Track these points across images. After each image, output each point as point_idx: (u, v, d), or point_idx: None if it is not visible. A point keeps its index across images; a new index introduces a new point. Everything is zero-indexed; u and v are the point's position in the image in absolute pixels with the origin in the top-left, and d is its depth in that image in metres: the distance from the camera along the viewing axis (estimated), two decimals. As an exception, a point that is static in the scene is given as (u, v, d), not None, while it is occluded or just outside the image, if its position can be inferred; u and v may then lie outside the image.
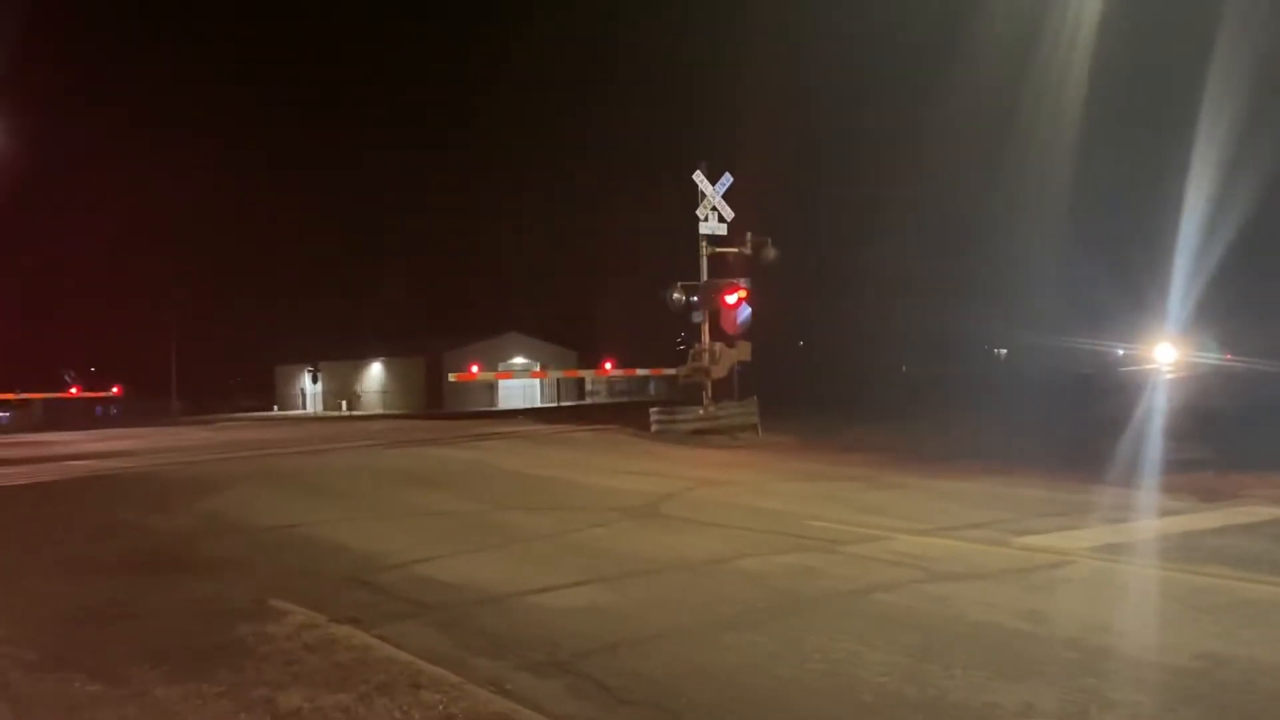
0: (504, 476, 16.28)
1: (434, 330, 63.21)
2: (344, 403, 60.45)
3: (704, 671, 5.54)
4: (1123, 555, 8.51)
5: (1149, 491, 12.23)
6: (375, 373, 63.39)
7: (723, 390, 25.44)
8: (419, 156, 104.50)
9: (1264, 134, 18.58)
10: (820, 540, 9.26)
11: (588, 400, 59.33)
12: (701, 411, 24.52)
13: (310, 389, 64.98)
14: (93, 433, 36.27)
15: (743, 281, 24.96)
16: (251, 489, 15.09)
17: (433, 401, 55.02)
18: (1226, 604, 6.63)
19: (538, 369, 54.98)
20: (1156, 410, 17.40)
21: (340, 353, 63.60)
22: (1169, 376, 18.21)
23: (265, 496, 14.19)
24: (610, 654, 5.84)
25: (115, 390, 53.97)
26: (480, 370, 39.91)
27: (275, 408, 66.23)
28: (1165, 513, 10.73)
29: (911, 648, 5.73)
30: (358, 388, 63.08)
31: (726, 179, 25.03)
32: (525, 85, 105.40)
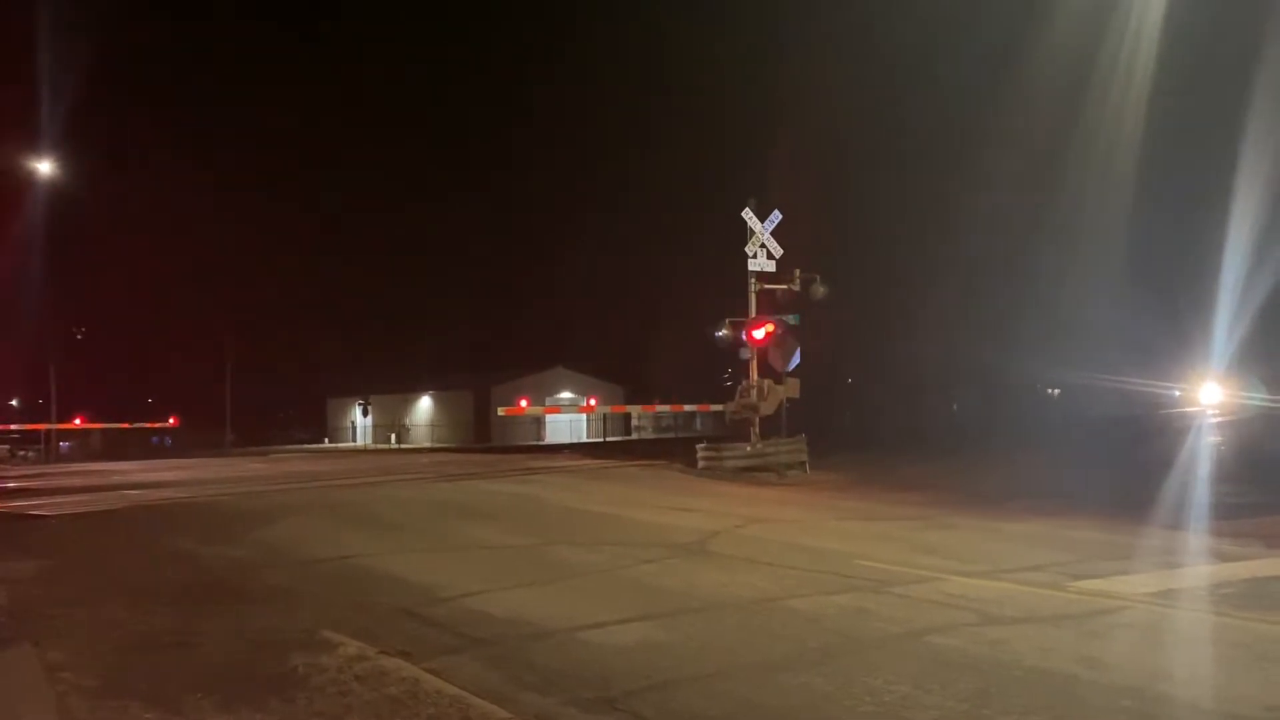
0: (553, 511, 16.31)
1: (482, 364, 63.89)
2: (393, 435, 61.07)
3: (756, 711, 5.49)
4: (1184, 601, 8.30)
5: (1208, 536, 11.93)
6: (424, 406, 64.02)
7: (771, 427, 25.31)
8: (471, 193, 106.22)
9: None
10: (872, 580, 9.14)
11: (634, 436, 59.33)
12: (749, 448, 24.40)
13: (361, 422, 65.76)
14: (149, 463, 37.01)
15: (792, 319, 24.91)
16: (305, 520, 15.27)
17: (480, 435, 55.39)
18: (1295, 654, 6.43)
19: (585, 404, 55.14)
20: (1206, 452, 17.01)
21: (390, 386, 64.39)
22: (1216, 418, 17.87)
23: (318, 528, 14.35)
24: (661, 692, 5.81)
25: (171, 421, 55.04)
26: (528, 405, 40.13)
27: (326, 440, 67.10)
28: (1226, 558, 10.46)
29: (966, 692, 5.63)
30: (407, 421, 63.73)
31: (775, 216, 25.08)
32: (577, 121, 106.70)
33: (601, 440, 54.45)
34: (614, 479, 22.99)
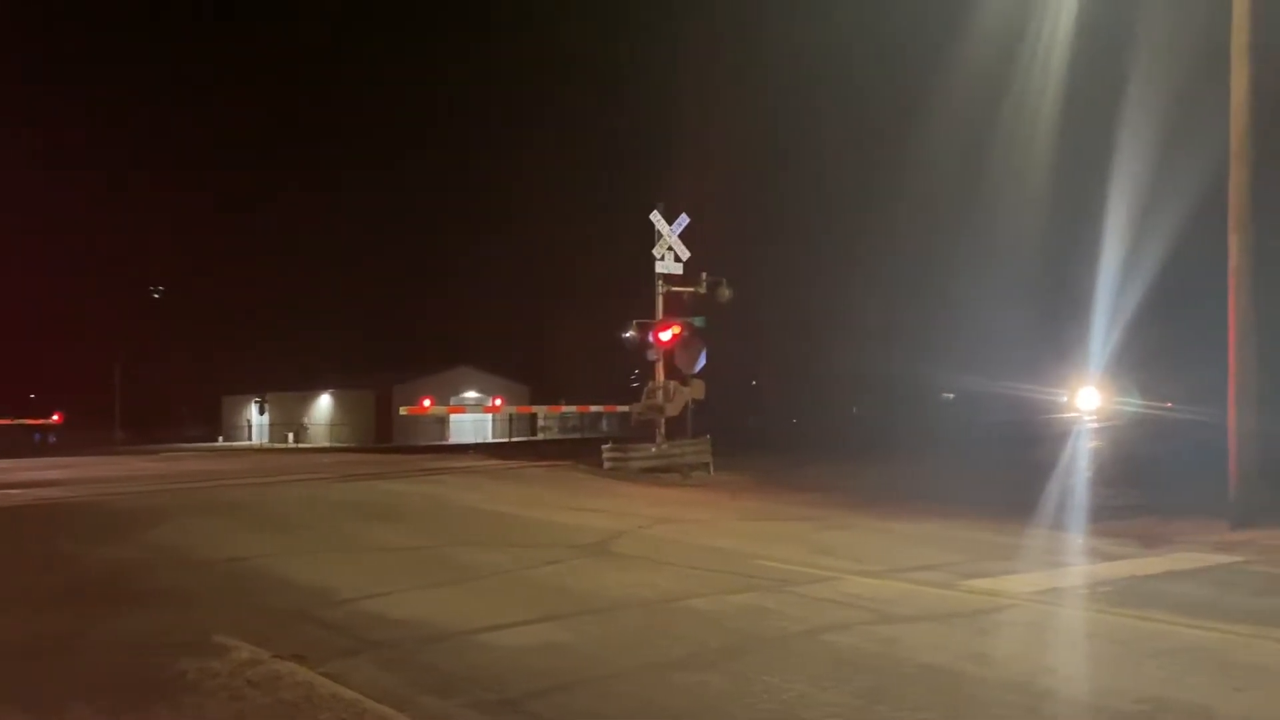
0: (455, 512, 16.14)
1: (384, 363, 62.72)
2: (291, 435, 59.61)
3: (656, 711, 5.53)
4: (1068, 599, 8.64)
5: (1091, 536, 12.45)
6: (324, 405, 62.62)
7: (676, 428, 25.49)
8: (373, 190, 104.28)
9: (1171, 185, 19.40)
10: (772, 580, 9.29)
11: (540, 436, 59.06)
12: (654, 449, 24.54)
13: (257, 420, 64.02)
14: (30, 461, 35.35)
15: (698, 321, 25.14)
16: (197, 521, 14.81)
17: (382, 435, 54.43)
18: (1169, 649, 6.75)
19: (490, 404, 54.71)
20: (1086, 455, 17.88)
21: (288, 384, 62.79)
22: (1095, 422, 18.78)
23: (211, 529, 13.93)
24: (562, 693, 5.80)
25: (55, 418, 52.70)
26: (432, 404, 39.62)
27: (221, 439, 65.10)
28: (1108, 557, 10.93)
29: (861, 689, 5.76)
30: (306, 420, 62.27)
31: (683, 219, 25.28)
32: (482, 120, 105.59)
33: (507, 441, 54.08)
34: (518, 479, 22.88)
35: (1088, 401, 18.77)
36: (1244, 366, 13.40)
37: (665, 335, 24.86)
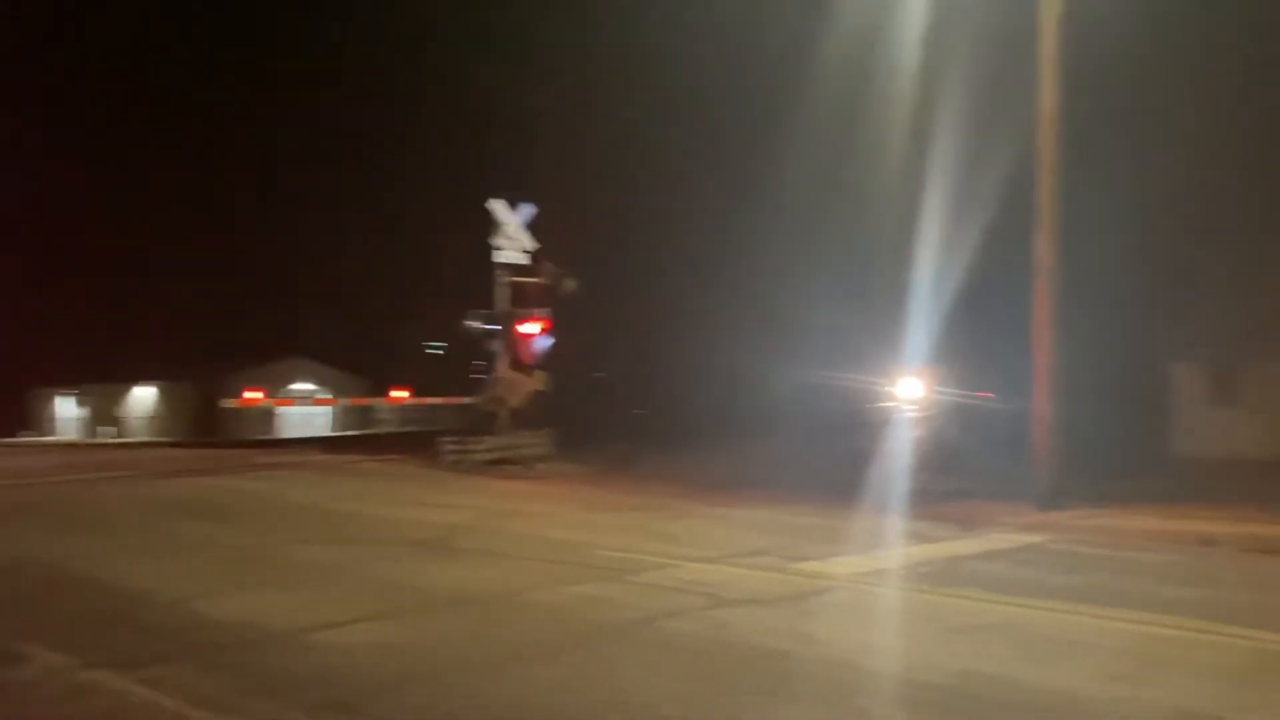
0: (287, 509, 15.58)
1: (211, 353, 59.76)
2: (109, 429, 56.21)
3: (493, 705, 5.50)
4: (889, 580, 9.09)
5: (912, 520, 13.11)
6: (145, 397, 59.25)
7: (519, 420, 25.35)
8: (200, 170, 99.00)
9: (982, 187, 20.76)
10: (611, 570, 9.38)
11: (378, 430, 57.61)
12: (496, 442, 24.33)
13: (71, 414, 60.08)
14: None
15: (542, 312, 25.07)
16: (1, 523, 13.78)
17: (209, 429, 51.88)
18: (979, 624, 7.19)
19: (325, 396, 53.00)
20: (908, 442, 18.93)
21: (106, 375, 59.10)
22: (915, 411, 19.88)
23: (19, 531, 12.96)
24: (396, 692, 5.70)
25: None
26: (262, 396, 38.09)
27: (29, 433, 60.73)
28: (926, 540, 11.54)
29: (694, 673, 5.90)
30: (125, 413, 58.80)
31: (528, 209, 25.11)
32: (314, 103, 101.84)
33: (342, 434, 52.52)
34: (354, 474, 22.29)
35: (909, 391, 19.79)
36: (1048, 358, 14.37)
37: (527, 329, 24.66)
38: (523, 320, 24.69)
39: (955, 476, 17.07)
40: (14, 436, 57.07)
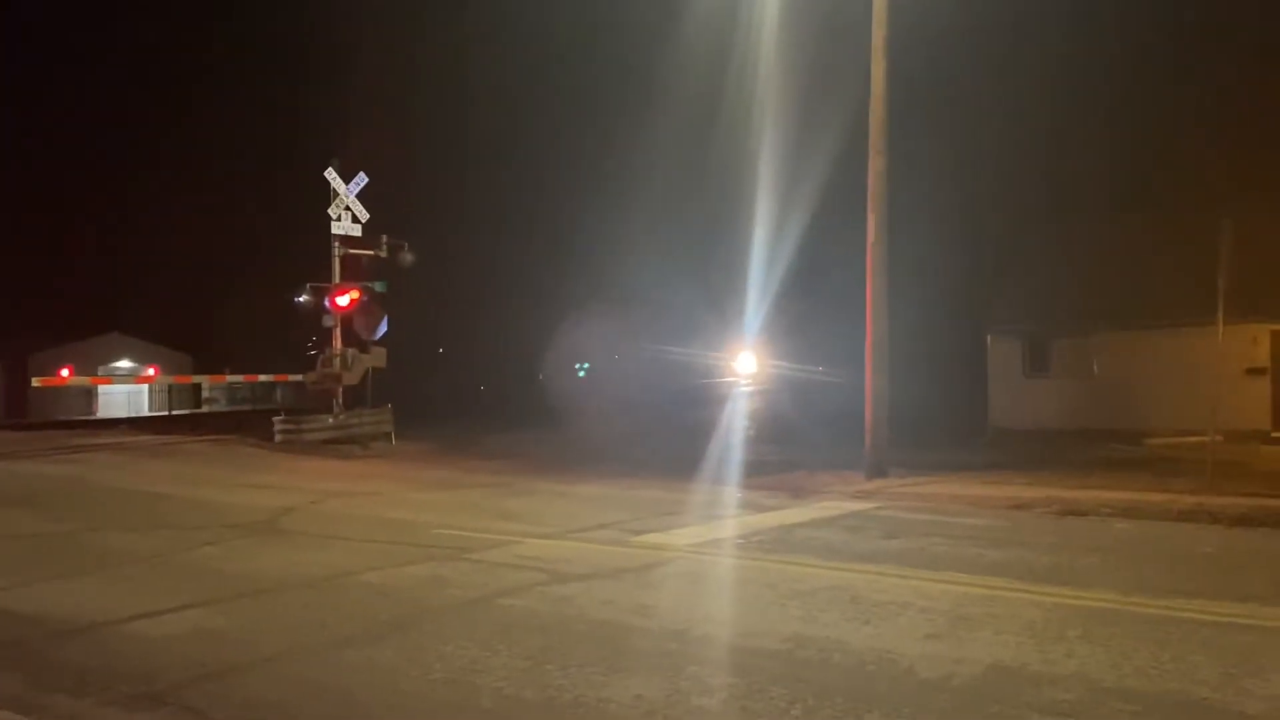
0: (101, 493, 14.66)
1: (18, 327, 55.55)
2: (-100, 411, 51.57)
3: (322, 691, 5.31)
4: (725, 549, 9.30)
5: (748, 490, 13.47)
6: (-56, 376, 54.64)
7: (355, 398, 24.65)
8: (14, 137, 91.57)
9: (811, 168, 21.52)
10: (449, 549, 9.23)
11: (205, 409, 54.92)
12: (331, 420, 23.61)
13: None
14: None
15: (375, 285, 24.39)
16: None
17: (15, 409, 48.28)
18: (811, 589, 7.42)
19: (145, 374, 50.11)
20: (745, 416, 19.49)
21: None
22: (752, 386, 20.49)
23: None
24: (216, 681, 5.43)
25: None
26: (72, 374, 35.70)
27: None
28: (761, 509, 11.86)
29: (533, 650, 5.85)
30: (-83, 394, 54.06)
31: (361, 178, 24.31)
32: (151, 67, 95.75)
33: (166, 414, 49.84)
34: (177, 456, 21.19)
35: (745, 366, 20.32)
36: (878, 334, 14.95)
37: (343, 300, 23.93)
38: (339, 292, 23.93)
39: (789, 448, 17.64)
40: None
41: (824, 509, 11.90)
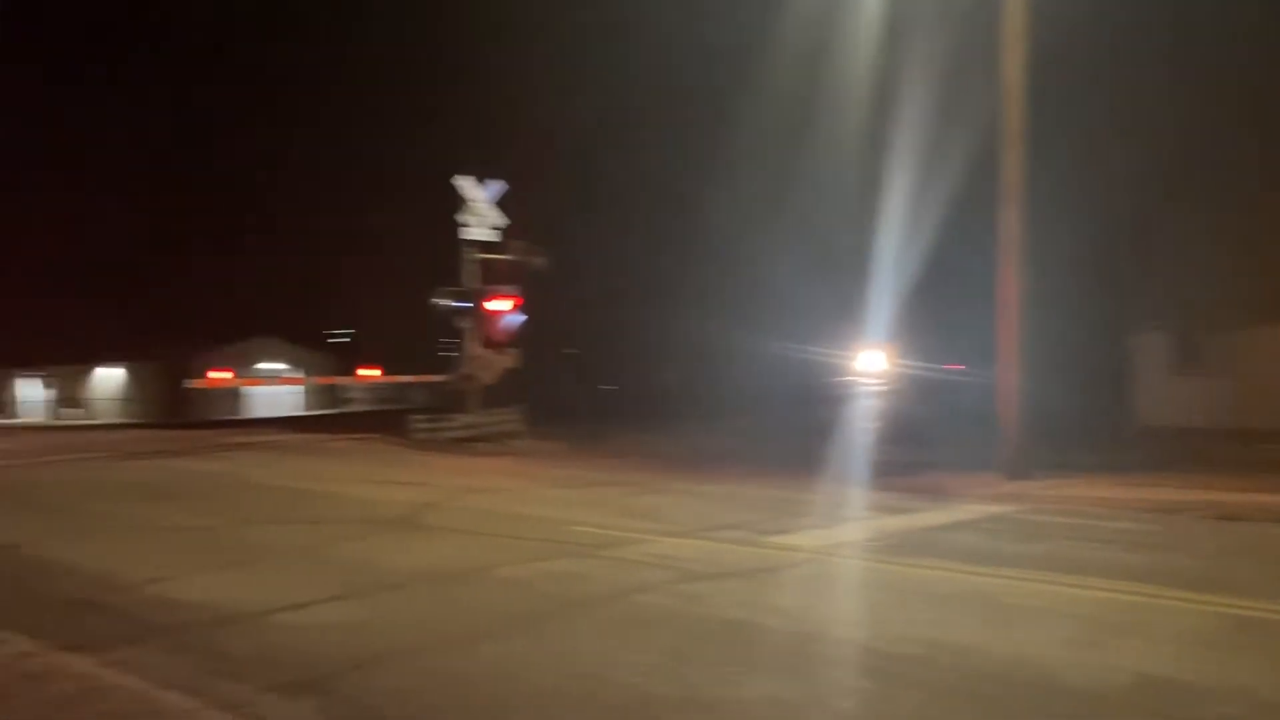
0: (253, 489, 15.46)
1: (178, 333, 59.04)
2: (75, 411, 55.50)
3: (462, 682, 5.48)
4: (859, 552, 9.16)
5: (882, 492, 13.22)
6: (112, 378, 58.52)
7: (489, 398, 25.29)
8: (167, 150, 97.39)
9: (945, 160, 20.88)
10: (582, 545, 9.38)
11: (348, 408, 57.24)
12: (468, 419, 24.27)
13: (35, 396, 59.22)
14: None
15: (511, 289, 24.95)
16: (-41, 507, 13.56)
17: (176, 410, 51.29)
18: (948, 594, 7.26)
19: (293, 375, 52.54)
20: (873, 417, 19.10)
21: (73, 356, 58.27)
22: (880, 385, 20.05)
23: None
24: (364, 670, 5.67)
25: None
26: (229, 376, 37.70)
27: (-6, 416, 59.85)
28: (895, 511, 11.63)
29: (667, 647, 5.91)
30: (92, 394, 58.07)
31: (497, 185, 24.94)
32: (288, 77, 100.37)
33: (311, 414, 52.15)
34: (322, 453, 22.15)
35: (872, 364, 19.92)
36: (1014, 330, 14.48)
37: (489, 305, 24.55)
38: (492, 297, 24.57)
39: (921, 448, 17.24)
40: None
41: (960, 511, 11.60)
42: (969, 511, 11.57)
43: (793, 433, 21.41)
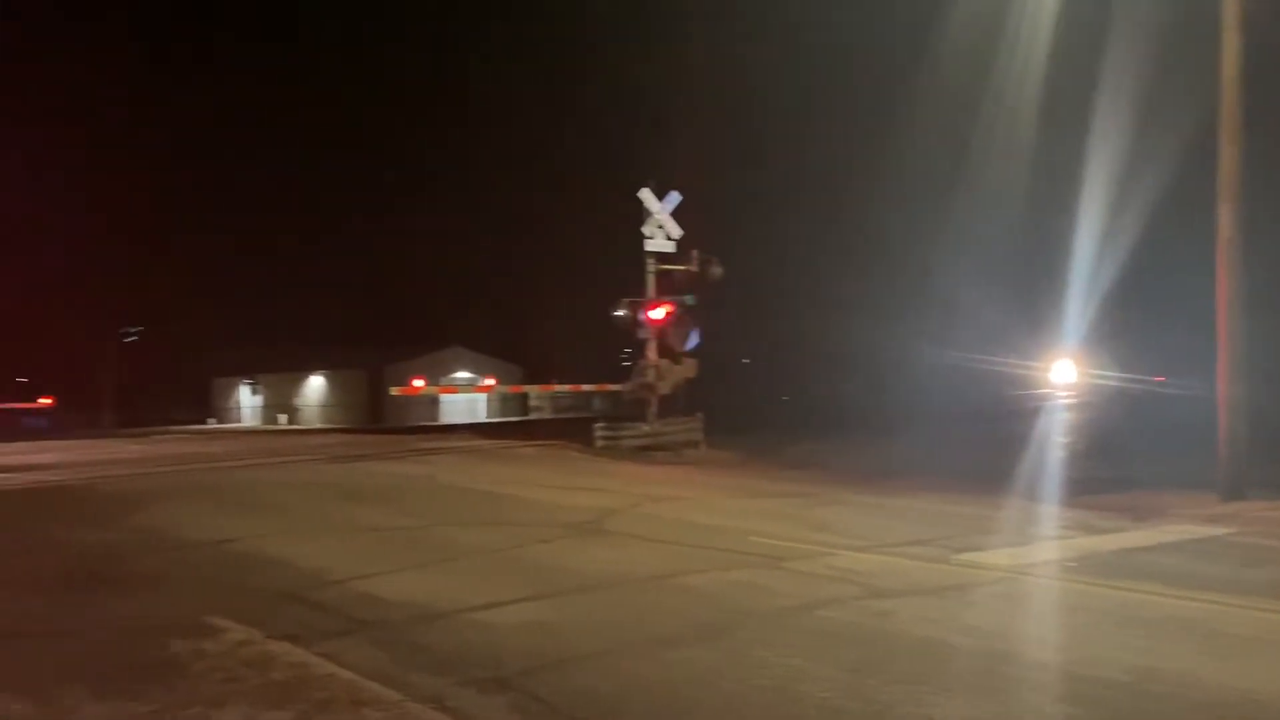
0: (446, 492, 16.14)
1: (376, 343, 62.51)
2: (283, 416, 59.55)
3: (649, 687, 5.55)
4: (1056, 572, 8.69)
5: (1079, 510, 12.50)
6: (316, 386, 62.52)
7: (668, 406, 25.50)
8: (363, 166, 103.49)
9: (1148, 158, 19.53)
10: (764, 556, 9.32)
11: (532, 415, 59.08)
12: (646, 428, 24.56)
13: (248, 402, 63.94)
14: (21, 445, 35.17)
15: (689, 299, 25.12)
16: (186, 503, 14.76)
17: (374, 415, 54.40)
18: (1156, 619, 6.81)
19: (482, 383, 54.66)
20: (1069, 429, 18.02)
21: (280, 365, 62.62)
22: (1071, 396, 18.86)
23: (201, 511, 13.89)
24: (555, 670, 5.82)
25: (47, 401, 52.33)
26: (424, 384, 39.53)
27: (212, 421, 64.97)
28: (1096, 530, 10.98)
29: (854, 663, 5.79)
30: (297, 401, 62.19)
31: (674, 197, 25.19)
32: (474, 96, 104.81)
33: (498, 420, 54.07)
34: (510, 459, 22.88)
35: (1064, 375, 18.77)
36: (1233, 338, 13.45)
37: (656, 314, 24.84)
38: (671, 307, 24.82)
39: (1120, 465, 16.22)
40: (202, 424, 61.20)
41: (1168, 532, 10.84)
42: (1177, 532, 10.80)
43: (977, 446, 20.59)
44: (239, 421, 63.82)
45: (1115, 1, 17.22)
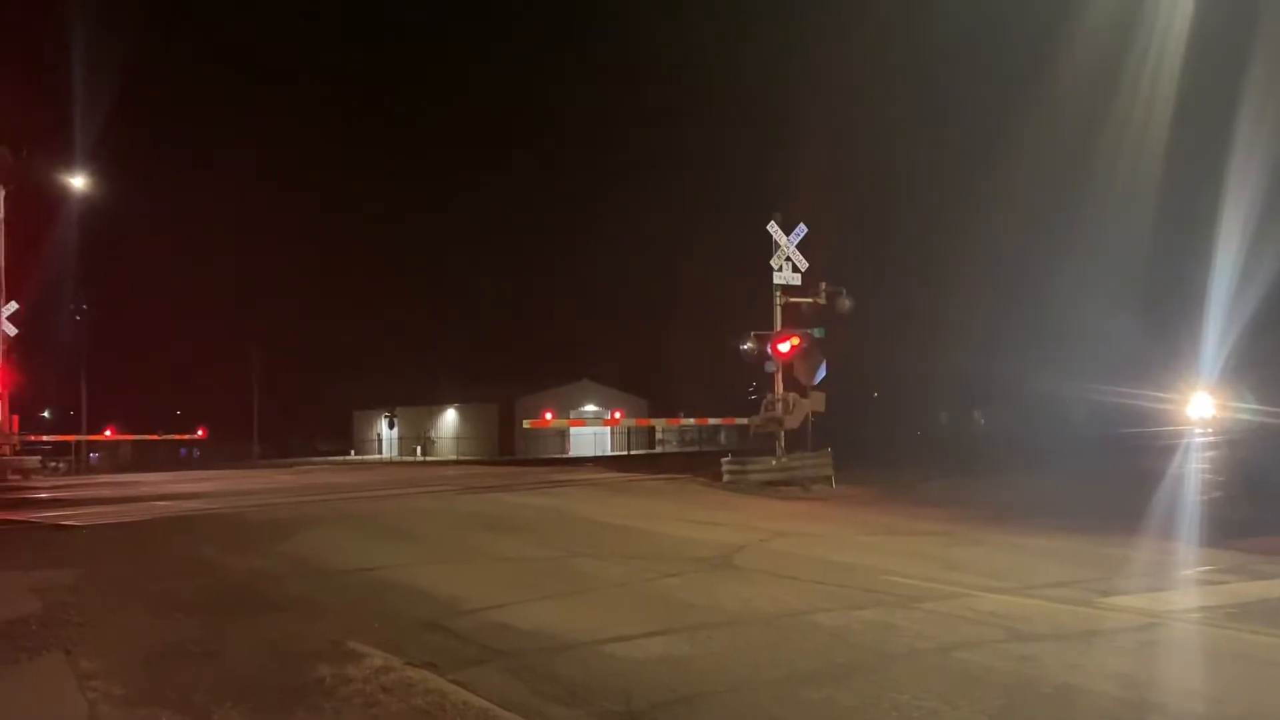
0: (577, 523, 16.33)
1: (507, 377, 63.97)
2: (419, 448, 61.31)
3: (780, 726, 5.48)
4: (1214, 618, 8.20)
5: (1231, 553, 11.76)
6: (450, 418, 64.23)
7: (796, 441, 25.24)
8: (493, 205, 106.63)
9: None
10: (899, 596, 9.09)
11: (658, 449, 59.25)
12: (774, 462, 24.34)
13: (386, 434, 66.10)
14: (177, 474, 37.30)
15: (814, 331, 24.89)
16: (330, 531, 15.36)
17: (505, 447, 55.49)
18: (1328, 672, 6.35)
19: (610, 416, 55.17)
20: (1214, 467, 16.92)
21: (416, 398, 64.63)
22: (1212, 433, 17.68)
23: (343, 539, 14.43)
24: (685, 705, 5.81)
25: (200, 433, 55.41)
26: (553, 417, 40.18)
27: (353, 452, 67.43)
28: (1252, 575, 10.33)
29: (994, 708, 5.59)
30: (432, 433, 63.96)
31: (801, 229, 25.09)
32: (599, 130, 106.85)
33: (626, 453, 54.42)
34: (638, 492, 22.99)
35: (1202, 410, 17.60)
36: None
37: (784, 347, 24.71)
38: (779, 339, 24.63)
39: (1273, 506, 15.19)
40: (344, 455, 63.63)
41: (1337, 579, 10.10)
42: (1352, 579, 10.04)
43: (1115, 484, 19.64)
44: (378, 453, 66.02)
45: (1262, 5, 16.35)
